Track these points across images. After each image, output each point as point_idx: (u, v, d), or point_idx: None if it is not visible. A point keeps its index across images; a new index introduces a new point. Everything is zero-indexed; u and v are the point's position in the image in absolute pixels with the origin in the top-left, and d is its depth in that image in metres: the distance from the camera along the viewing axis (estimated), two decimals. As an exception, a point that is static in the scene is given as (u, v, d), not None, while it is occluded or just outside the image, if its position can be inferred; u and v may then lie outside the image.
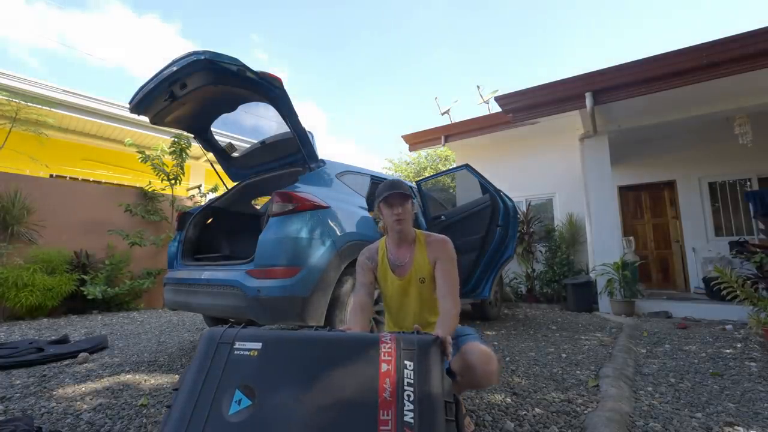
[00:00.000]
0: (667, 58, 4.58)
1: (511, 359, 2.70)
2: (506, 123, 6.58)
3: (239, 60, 2.34)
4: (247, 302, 2.30)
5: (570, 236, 6.73)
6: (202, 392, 1.00)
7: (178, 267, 3.07)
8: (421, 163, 15.97)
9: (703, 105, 5.08)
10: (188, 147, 6.36)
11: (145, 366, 2.50)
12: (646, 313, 5.00)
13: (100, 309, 5.29)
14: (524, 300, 6.66)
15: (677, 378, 2.31)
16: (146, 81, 2.62)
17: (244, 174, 3.61)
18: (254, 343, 1.09)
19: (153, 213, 6.27)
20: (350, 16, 72.53)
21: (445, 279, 1.52)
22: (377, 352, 1.05)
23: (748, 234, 6.19)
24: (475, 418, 1.67)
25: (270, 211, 2.52)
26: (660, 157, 6.85)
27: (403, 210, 1.57)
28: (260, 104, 2.92)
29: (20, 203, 4.95)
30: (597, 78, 5.03)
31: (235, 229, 3.68)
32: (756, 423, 1.66)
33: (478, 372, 1.27)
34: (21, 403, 1.85)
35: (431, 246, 1.60)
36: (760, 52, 4.13)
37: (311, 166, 2.89)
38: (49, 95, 6.02)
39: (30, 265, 4.67)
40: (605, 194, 5.57)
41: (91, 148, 7.82)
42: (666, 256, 7.01)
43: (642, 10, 73.88)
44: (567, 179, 7.07)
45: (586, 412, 1.73)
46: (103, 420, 1.64)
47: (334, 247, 2.47)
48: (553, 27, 62.58)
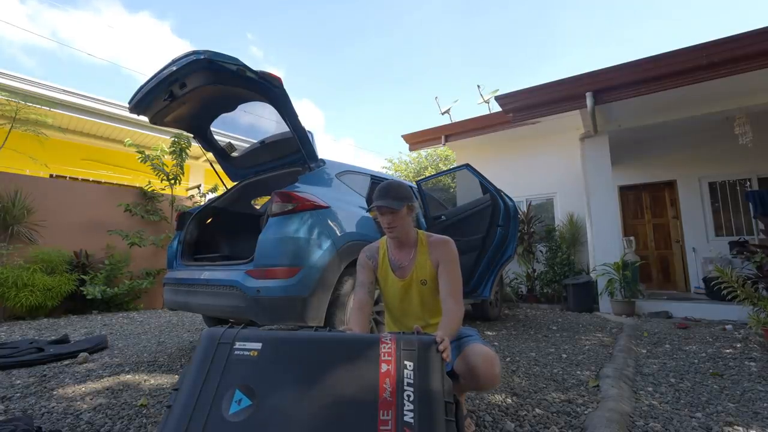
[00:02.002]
0: (667, 58, 4.58)
1: (511, 359, 2.70)
2: (506, 123, 6.58)
3: (239, 59, 2.34)
4: (247, 302, 2.30)
5: (570, 236, 6.73)
6: (202, 392, 1.00)
7: (177, 267, 3.07)
8: (421, 162, 15.96)
9: (703, 105, 5.08)
10: (188, 147, 6.36)
11: (145, 366, 2.50)
12: (646, 313, 5.00)
13: (100, 309, 5.29)
14: (525, 300, 6.65)
15: (677, 378, 2.31)
16: (146, 81, 2.62)
17: (244, 174, 3.60)
18: (254, 343, 1.09)
19: (152, 213, 6.27)
20: (350, 14, 72.58)
21: (448, 280, 1.49)
22: (377, 353, 1.05)
23: (748, 234, 6.19)
24: (476, 418, 1.66)
25: (270, 211, 2.52)
26: (660, 157, 6.84)
27: (392, 219, 1.52)
28: (260, 104, 2.92)
29: (20, 203, 4.95)
30: (597, 78, 5.03)
31: (235, 229, 3.68)
32: (756, 423, 1.66)
33: (481, 374, 1.26)
34: (21, 402, 1.85)
35: (433, 247, 1.57)
36: (760, 52, 4.13)
37: (311, 166, 2.89)
38: (49, 95, 6.02)
39: (30, 265, 4.67)
40: (606, 194, 5.57)
41: (91, 148, 7.82)
42: (666, 256, 7.01)
43: (642, 10, 73.90)
44: (567, 179, 7.07)
45: (586, 413, 1.73)
46: (103, 420, 1.63)
47: (333, 247, 2.47)
48: (553, 27, 62.57)
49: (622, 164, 7.02)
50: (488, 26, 63.27)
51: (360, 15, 73.43)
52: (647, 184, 7.16)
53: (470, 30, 68.53)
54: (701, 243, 6.47)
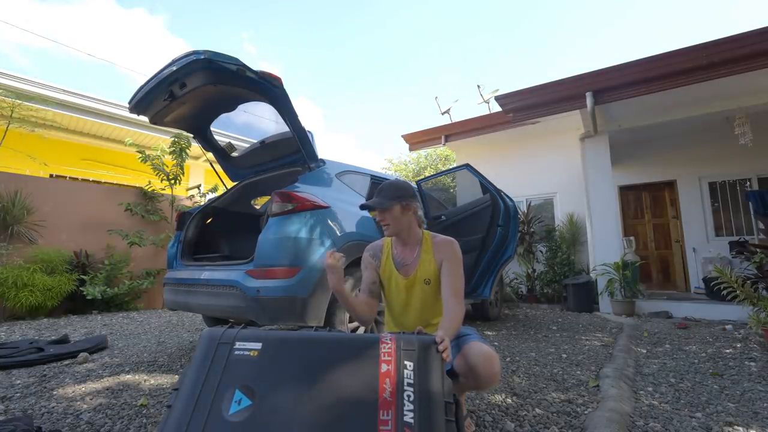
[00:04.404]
0: (667, 58, 4.58)
1: (511, 359, 2.70)
2: (506, 123, 6.58)
3: (239, 59, 2.34)
4: (247, 302, 2.30)
5: (570, 236, 6.73)
6: (202, 392, 1.00)
7: (177, 267, 3.07)
8: (421, 162, 15.95)
9: (703, 105, 5.08)
10: (188, 147, 6.36)
11: (145, 366, 2.50)
12: (646, 313, 5.00)
13: (100, 309, 5.29)
14: (525, 300, 6.66)
15: (677, 378, 2.31)
16: (146, 81, 2.62)
17: (244, 174, 3.60)
18: (254, 343, 1.09)
19: (153, 213, 6.27)
20: (350, 13, 72.59)
21: (450, 280, 1.50)
22: (377, 352, 1.05)
23: (748, 234, 6.18)
24: (476, 418, 1.66)
25: (270, 211, 2.52)
26: (660, 156, 6.84)
27: (383, 216, 1.58)
28: (260, 104, 2.92)
29: (20, 203, 4.95)
30: (597, 78, 5.03)
31: (235, 229, 3.68)
32: (756, 423, 1.66)
33: (481, 373, 1.27)
34: (21, 402, 1.85)
35: (438, 247, 1.58)
36: (760, 52, 4.13)
37: (311, 166, 2.89)
38: (49, 95, 6.02)
39: (30, 265, 4.67)
40: (606, 194, 5.57)
41: (91, 148, 7.82)
42: (666, 256, 7.00)
43: (642, 10, 73.93)
44: (567, 179, 7.07)
45: (586, 413, 1.73)
46: (103, 420, 1.64)
47: (333, 247, 2.47)
48: (552, 26, 62.58)
49: (622, 164, 7.03)
50: (488, 25, 63.32)
51: (359, 13, 73.48)
52: (647, 184, 7.16)
53: (470, 29, 68.53)
54: (701, 243, 6.46)
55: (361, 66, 71.30)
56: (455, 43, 66.19)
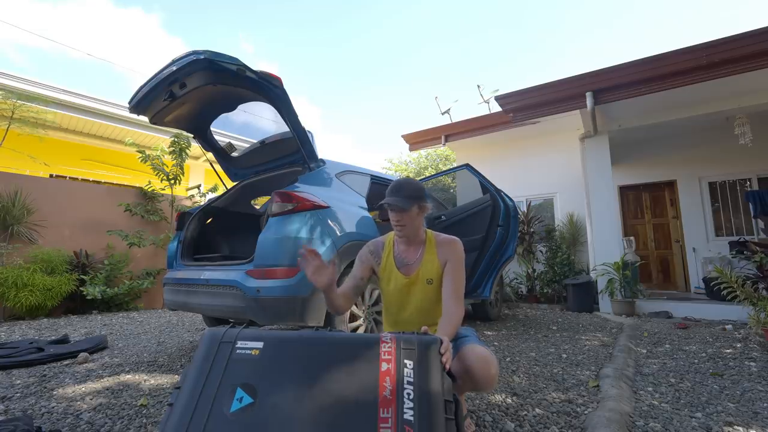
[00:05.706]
0: (667, 58, 4.58)
1: (511, 359, 2.70)
2: (506, 123, 6.59)
3: (239, 59, 2.34)
4: (247, 302, 2.30)
5: (570, 236, 6.74)
6: (204, 390, 1.00)
7: (177, 267, 3.07)
8: (422, 162, 15.96)
9: (703, 105, 5.08)
10: (188, 147, 6.37)
11: (145, 366, 2.50)
12: (646, 313, 5.00)
13: (100, 309, 5.30)
14: (525, 300, 6.66)
15: (677, 378, 2.31)
16: (145, 81, 2.62)
17: (244, 174, 3.61)
18: (255, 343, 1.09)
19: (152, 213, 6.27)
20: (349, 12, 72.65)
21: (451, 280, 1.49)
22: (377, 352, 1.05)
23: (748, 234, 6.19)
24: (476, 418, 1.67)
25: (270, 211, 2.52)
26: (660, 157, 6.85)
27: (401, 217, 1.52)
28: (260, 104, 2.92)
29: (20, 203, 4.96)
30: (597, 78, 5.04)
31: (235, 229, 3.68)
32: (756, 423, 1.66)
33: (477, 375, 1.26)
34: (21, 402, 1.85)
35: (441, 247, 1.57)
36: (760, 52, 4.13)
37: (311, 166, 2.89)
38: (49, 95, 6.03)
39: (30, 265, 4.67)
40: (606, 194, 5.57)
41: (91, 148, 7.82)
42: (666, 256, 7.01)
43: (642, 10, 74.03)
44: (567, 179, 7.08)
45: (586, 413, 1.73)
46: (103, 420, 1.64)
47: (334, 247, 2.47)
48: (552, 26, 62.68)
49: (622, 164, 7.03)
50: (489, 24, 63.38)
51: (358, 11, 73.54)
52: (647, 184, 7.17)
53: (471, 29, 68.61)
54: (701, 243, 6.47)
55: (359, 66, 71.35)
56: (455, 43, 66.27)
